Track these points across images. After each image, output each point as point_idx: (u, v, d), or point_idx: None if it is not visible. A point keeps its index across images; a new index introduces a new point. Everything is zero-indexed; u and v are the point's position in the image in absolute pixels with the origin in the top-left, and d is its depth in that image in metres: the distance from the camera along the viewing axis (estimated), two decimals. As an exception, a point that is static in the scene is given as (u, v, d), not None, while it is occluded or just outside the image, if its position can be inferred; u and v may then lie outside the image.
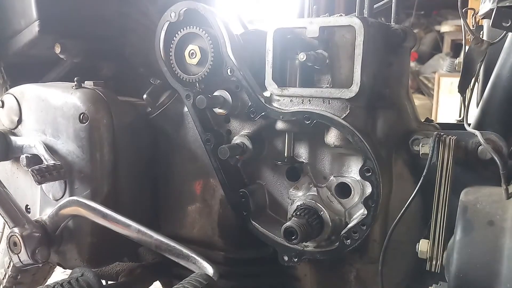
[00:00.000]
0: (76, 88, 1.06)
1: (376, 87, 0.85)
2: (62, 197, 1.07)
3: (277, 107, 0.89)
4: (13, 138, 1.13)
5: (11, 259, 1.11)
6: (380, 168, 0.81)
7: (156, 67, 1.02)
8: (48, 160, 1.04)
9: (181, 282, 0.86)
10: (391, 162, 0.87)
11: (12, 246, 1.09)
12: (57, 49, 1.17)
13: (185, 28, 0.95)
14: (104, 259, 1.17)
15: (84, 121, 1.02)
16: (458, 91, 0.99)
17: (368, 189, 0.83)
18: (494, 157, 0.77)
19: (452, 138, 0.80)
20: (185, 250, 0.95)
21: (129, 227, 0.98)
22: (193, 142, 1.03)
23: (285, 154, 0.91)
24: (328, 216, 0.86)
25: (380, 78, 0.86)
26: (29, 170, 0.99)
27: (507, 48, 0.99)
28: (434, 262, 0.79)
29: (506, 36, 0.99)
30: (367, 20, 0.81)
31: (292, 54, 0.89)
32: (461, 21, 0.95)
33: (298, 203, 0.89)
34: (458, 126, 0.94)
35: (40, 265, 1.15)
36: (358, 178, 0.85)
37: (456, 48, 5.25)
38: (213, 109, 0.96)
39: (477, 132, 0.81)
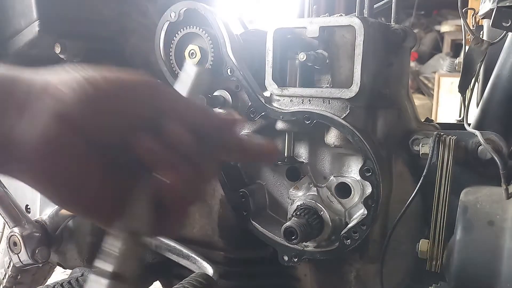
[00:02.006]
0: (76, 88, 1.05)
1: (376, 87, 0.85)
2: (62, 197, 1.07)
3: (277, 107, 0.89)
4: (13, 138, 1.13)
5: (11, 259, 1.11)
6: (380, 168, 0.81)
7: (156, 67, 1.02)
8: (48, 160, 1.03)
9: (181, 282, 0.86)
10: (391, 162, 0.87)
11: (12, 246, 1.09)
12: (57, 49, 1.17)
13: (185, 28, 0.95)
14: (104, 259, 1.16)
15: (84, 121, 1.01)
16: (458, 91, 0.99)
17: (368, 189, 0.83)
18: (494, 157, 0.77)
19: (452, 138, 0.80)
20: (185, 250, 0.95)
21: (129, 227, 0.98)
22: (193, 142, 1.03)
23: (285, 154, 0.91)
24: (328, 216, 0.86)
25: (380, 78, 0.86)
26: (29, 170, 0.99)
27: (507, 48, 0.99)
28: (434, 262, 0.79)
29: (506, 36, 0.99)
30: (367, 20, 0.81)
31: (292, 54, 0.89)
32: (461, 21, 0.95)
33: (298, 203, 0.89)
34: (458, 126, 0.94)
35: (40, 265, 1.15)
36: (358, 178, 0.85)
37: (456, 48, 5.26)
38: (213, 109, 0.96)
39: (477, 132, 0.81)
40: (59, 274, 1.74)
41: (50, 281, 1.45)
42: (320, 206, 0.87)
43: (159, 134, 0.49)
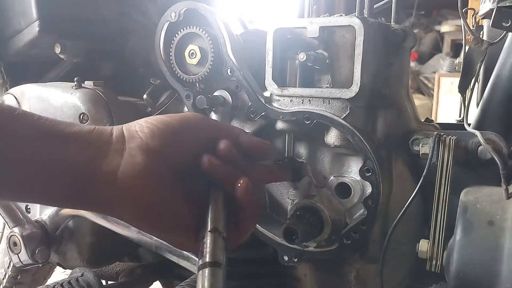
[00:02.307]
0: (76, 88, 1.06)
1: (376, 87, 0.85)
2: (62, 197, 1.07)
3: (277, 107, 0.89)
4: (13, 138, 1.13)
5: (11, 259, 1.12)
6: (380, 168, 0.81)
7: (156, 67, 1.02)
8: (48, 160, 1.03)
9: (181, 284, 0.86)
10: (391, 162, 0.87)
11: (12, 246, 1.09)
12: (57, 49, 1.17)
13: (185, 28, 0.95)
14: (104, 259, 1.17)
15: (84, 121, 1.02)
16: (458, 91, 0.99)
17: (368, 189, 0.83)
18: (494, 157, 0.76)
19: (452, 138, 0.80)
20: (185, 252, 0.95)
21: (129, 227, 0.98)
22: (193, 142, 1.03)
23: (285, 154, 0.91)
24: (328, 216, 0.86)
25: (380, 78, 0.86)
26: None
27: (507, 48, 0.99)
28: (434, 262, 0.79)
29: (506, 36, 0.99)
30: (367, 20, 0.81)
31: (292, 54, 0.89)
32: (461, 21, 0.95)
33: (298, 203, 0.89)
34: (458, 126, 0.94)
35: (40, 265, 1.15)
36: (358, 178, 0.85)
37: (456, 48, 5.26)
38: (213, 109, 0.96)
39: (477, 132, 0.81)
40: (59, 274, 1.74)
41: (50, 281, 1.45)
42: (320, 206, 0.87)
43: (215, 153, 0.65)
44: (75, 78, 1.07)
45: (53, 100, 1.06)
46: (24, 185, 0.56)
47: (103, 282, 1.12)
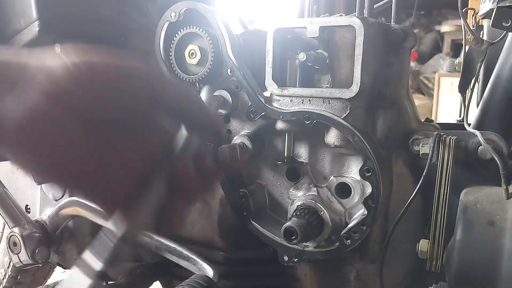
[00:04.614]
0: (76, 88, 1.05)
1: (376, 87, 0.85)
2: (62, 197, 1.07)
3: (277, 107, 0.89)
4: (13, 138, 1.13)
5: (11, 259, 1.12)
6: (380, 168, 0.81)
7: (156, 67, 1.02)
8: (48, 160, 1.03)
9: (181, 284, 0.86)
10: (391, 162, 0.87)
11: (12, 246, 1.09)
12: (57, 49, 1.17)
13: (185, 28, 0.95)
14: (104, 259, 1.16)
15: (84, 121, 1.01)
16: (458, 91, 0.99)
17: (368, 189, 0.83)
18: (494, 157, 0.77)
19: (452, 138, 0.80)
20: (185, 252, 0.95)
21: (129, 227, 0.98)
22: (193, 142, 1.03)
23: (285, 154, 0.91)
24: (328, 216, 0.86)
25: (380, 78, 0.86)
26: (29, 170, 0.99)
27: (507, 48, 0.99)
28: (434, 262, 0.79)
29: (506, 36, 0.99)
30: (367, 20, 0.81)
31: (292, 54, 0.89)
32: (461, 21, 0.95)
33: (298, 203, 0.89)
34: (458, 126, 0.94)
35: (40, 265, 1.15)
36: (358, 178, 0.85)
37: (456, 48, 5.26)
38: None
39: (477, 132, 0.81)
40: (59, 274, 1.74)
41: (50, 281, 1.45)
42: (320, 206, 0.87)
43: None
44: (75, 78, 1.07)
45: (53, 100, 1.06)
46: None
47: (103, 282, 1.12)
